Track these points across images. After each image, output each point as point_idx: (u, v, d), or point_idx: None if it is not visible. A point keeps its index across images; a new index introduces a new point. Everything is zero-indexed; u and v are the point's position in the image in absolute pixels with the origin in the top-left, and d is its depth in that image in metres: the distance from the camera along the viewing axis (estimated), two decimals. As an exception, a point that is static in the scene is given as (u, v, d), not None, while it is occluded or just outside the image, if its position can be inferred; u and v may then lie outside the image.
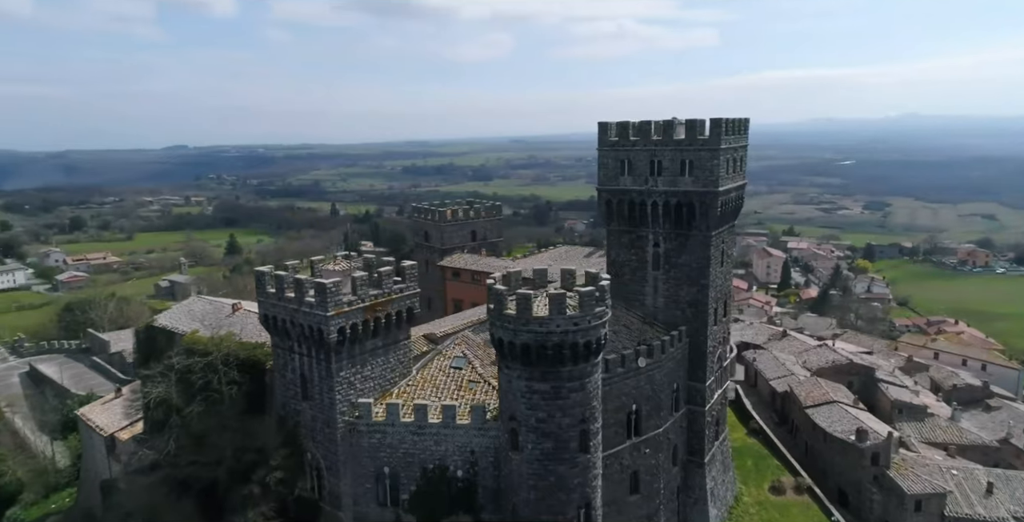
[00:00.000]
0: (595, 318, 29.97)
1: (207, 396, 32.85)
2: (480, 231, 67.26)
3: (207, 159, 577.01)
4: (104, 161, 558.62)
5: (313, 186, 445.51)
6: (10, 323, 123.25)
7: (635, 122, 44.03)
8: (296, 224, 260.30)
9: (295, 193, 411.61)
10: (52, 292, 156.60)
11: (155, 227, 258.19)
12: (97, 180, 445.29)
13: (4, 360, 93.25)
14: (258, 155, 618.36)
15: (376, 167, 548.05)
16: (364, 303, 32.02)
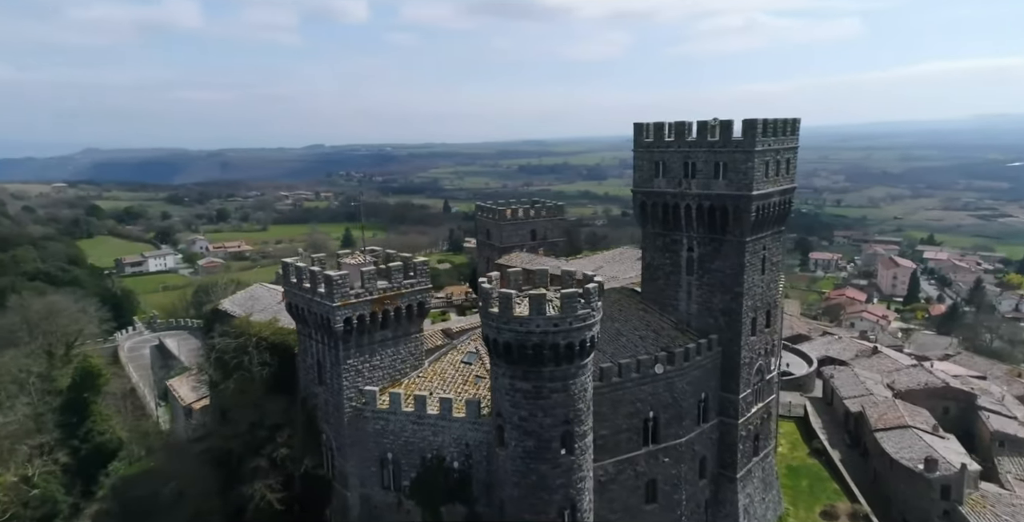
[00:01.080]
0: (577, 320, 30.16)
1: (240, 375, 36.69)
2: (540, 231, 68.15)
3: (340, 157, 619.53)
4: (253, 159, 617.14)
5: (431, 183, 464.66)
6: (155, 301, 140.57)
7: (671, 122, 43.14)
8: (409, 220, 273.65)
9: (414, 190, 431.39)
10: (193, 275, 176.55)
11: (287, 219, 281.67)
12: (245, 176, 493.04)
13: (140, 334, 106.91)
14: (385, 153, 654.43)
15: (492, 166, 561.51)
16: (372, 296, 34.31)
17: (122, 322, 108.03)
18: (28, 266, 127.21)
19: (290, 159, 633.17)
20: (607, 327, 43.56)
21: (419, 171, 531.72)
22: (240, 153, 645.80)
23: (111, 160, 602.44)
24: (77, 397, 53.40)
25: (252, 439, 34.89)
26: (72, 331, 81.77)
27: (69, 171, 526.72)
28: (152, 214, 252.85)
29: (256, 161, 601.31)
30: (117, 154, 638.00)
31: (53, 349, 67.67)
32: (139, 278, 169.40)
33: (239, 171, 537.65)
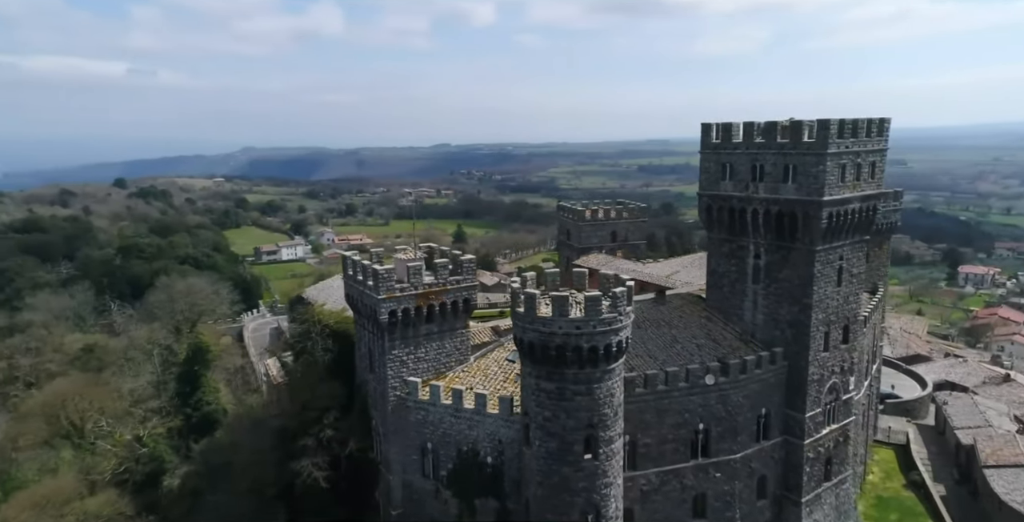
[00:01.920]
0: (602, 324, 29.91)
1: (304, 358, 39.88)
2: (621, 232, 67.18)
3: (464, 156, 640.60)
4: (385, 157, 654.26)
5: (548, 183, 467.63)
6: (281, 287, 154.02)
7: (740, 123, 41.21)
8: (522, 218, 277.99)
9: (531, 189, 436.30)
10: (319, 265, 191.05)
11: (407, 215, 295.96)
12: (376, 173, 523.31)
13: (263, 316, 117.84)
14: (506, 153, 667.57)
15: (612, 165, 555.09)
16: (416, 290, 36.00)
17: (249, 304, 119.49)
18: (180, 251, 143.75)
19: (418, 157, 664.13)
20: (663, 333, 42.74)
21: (537, 170, 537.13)
22: (374, 152, 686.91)
23: (264, 158, 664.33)
24: (190, 369, 60.17)
25: (304, 419, 37.89)
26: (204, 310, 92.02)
27: (230, 167, 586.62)
28: (290, 207, 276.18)
29: (387, 159, 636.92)
30: (269, 152, 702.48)
31: (180, 325, 76.60)
32: (272, 266, 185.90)
33: (372, 168, 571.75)
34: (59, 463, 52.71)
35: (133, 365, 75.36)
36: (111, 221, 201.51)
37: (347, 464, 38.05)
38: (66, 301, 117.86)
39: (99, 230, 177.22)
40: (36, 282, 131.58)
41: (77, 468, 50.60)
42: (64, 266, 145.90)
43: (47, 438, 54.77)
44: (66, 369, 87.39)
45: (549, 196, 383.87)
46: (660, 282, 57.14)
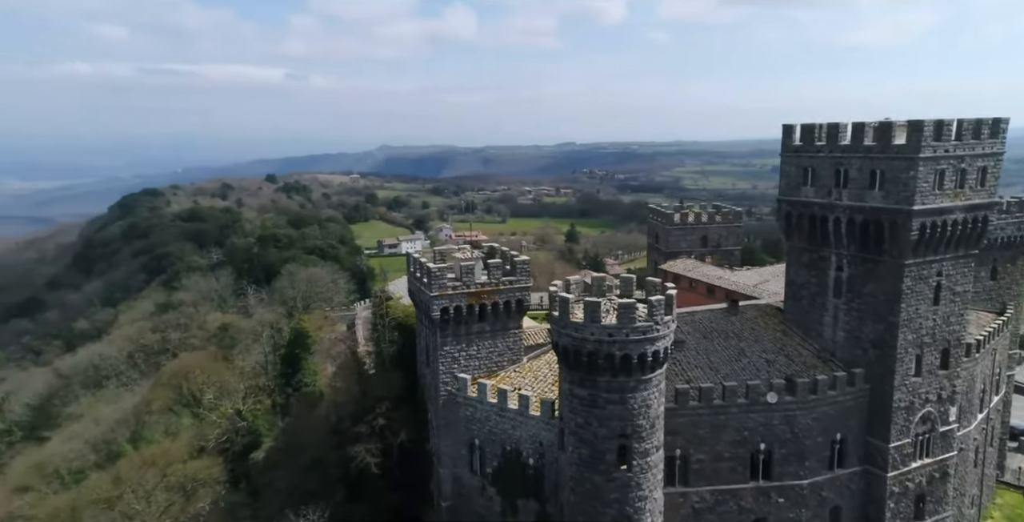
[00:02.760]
0: (635, 332, 29.07)
1: (376, 350, 42.21)
2: (713, 237, 64.25)
3: (588, 155, 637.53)
4: (510, 155, 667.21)
5: (672, 182, 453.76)
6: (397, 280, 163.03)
7: (823, 124, 38.14)
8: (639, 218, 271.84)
9: (653, 188, 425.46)
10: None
11: (524, 213, 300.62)
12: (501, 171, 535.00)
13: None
14: (631, 151, 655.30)
15: (744, 165, 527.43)
16: (468, 289, 36.89)
17: (363, 294, 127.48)
18: (310, 242, 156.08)
19: (542, 156, 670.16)
20: (730, 345, 40.66)
21: (662, 170, 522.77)
22: (499, 150, 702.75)
23: (398, 155, 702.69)
24: (292, 352, 65.44)
25: (361, 406, 40.13)
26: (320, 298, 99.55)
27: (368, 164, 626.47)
28: (414, 203, 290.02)
29: (513, 157, 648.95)
30: (403, 150, 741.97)
31: (293, 310, 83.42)
32: (392, 258, 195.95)
33: (497, 166, 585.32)
34: (179, 428, 59.68)
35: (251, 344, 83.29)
36: (258, 213, 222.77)
37: (399, 453, 39.83)
38: (212, 283, 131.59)
39: (246, 221, 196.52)
40: (191, 265, 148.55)
41: (191, 434, 57.05)
42: (215, 252, 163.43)
43: (172, 405, 62.19)
44: (205, 344, 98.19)
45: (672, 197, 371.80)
46: (745, 291, 54.21)
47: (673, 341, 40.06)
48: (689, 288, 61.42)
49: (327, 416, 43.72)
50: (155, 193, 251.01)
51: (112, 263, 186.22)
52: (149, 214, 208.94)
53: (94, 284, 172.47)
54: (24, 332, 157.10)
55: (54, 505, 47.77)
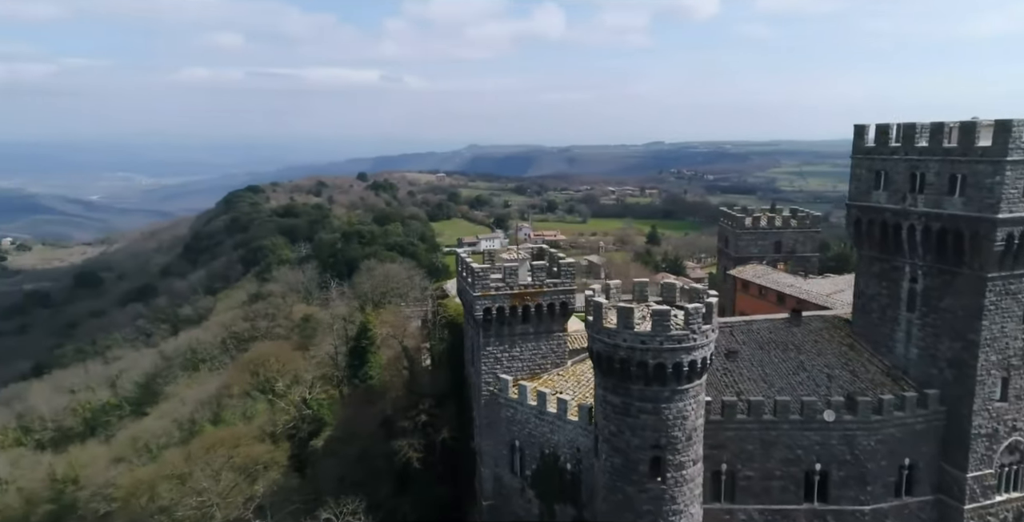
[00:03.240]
0: (670, 341, 28.02)
1: (428, 347, 43.03)
2: (788, 242, 60.90)
3: (677, 155, 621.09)
4: (596, 155, 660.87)
5: (766, 184, 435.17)
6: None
7: (899, 124, 35.33)
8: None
9: (745, 190, 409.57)
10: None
11: (606, 213, 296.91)
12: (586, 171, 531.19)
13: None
14: (722, 151, 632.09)
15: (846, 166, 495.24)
16: (512, 290, 36.85)
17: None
18: (391, 238, 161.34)
19: (629, 155, 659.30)
20: (788, 358, 38.57)
21: (756, 170, 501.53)
22: (585, 149, 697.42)
23: (485, 155, 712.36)
24: (358, 345, 67.87)
25: (407, 402, 40.97)
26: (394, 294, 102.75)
27: (455, 163, 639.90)
28: (496, 202, 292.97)
29: (598, 157, 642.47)
30: (489, 149, 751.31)
31: (365, 305, 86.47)
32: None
33: (581, 166, 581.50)
34: (254, 412, 63.39)
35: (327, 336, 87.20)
36: (347, 209, 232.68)
37: (442, 450, 40.40)
38: (299, 276, 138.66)
39: (334, 217, 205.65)
40: (281, 258, 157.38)
41: (263, 419, 60.49)
42: (304, 246, 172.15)
43: (249, 390, 66.16)
44: (289, 334, 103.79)
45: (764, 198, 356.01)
46: (817, 300, 51.14)
47: (725, 351, 38.63)
48: (758, 295, 58.68)
49: (379, 409, 45.05)
50: (256, 190, 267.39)
51: (215, 254, 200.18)
52: (249, 209, 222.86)
53: (198, 273, 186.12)
54: (138, 315, 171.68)
55: (137, 477, 52.30)
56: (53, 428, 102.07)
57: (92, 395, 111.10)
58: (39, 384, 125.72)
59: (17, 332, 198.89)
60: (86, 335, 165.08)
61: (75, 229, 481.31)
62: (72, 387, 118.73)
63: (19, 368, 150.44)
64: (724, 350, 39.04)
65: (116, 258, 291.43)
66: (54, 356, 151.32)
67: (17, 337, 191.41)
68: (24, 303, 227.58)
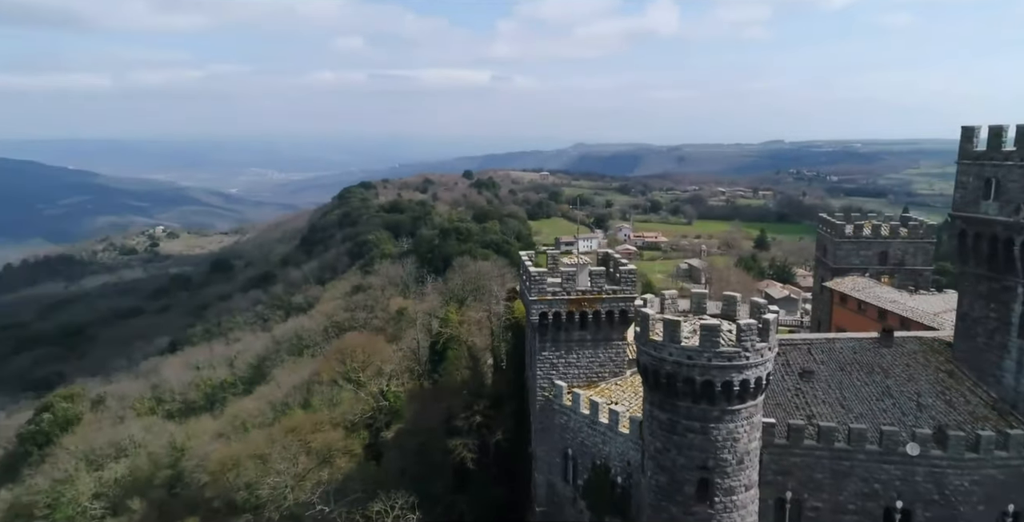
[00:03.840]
0: (719, 358, 26.24)
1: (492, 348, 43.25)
2: (896, 254, 55.40)
3: (798, 154, 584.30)
4: (708, 154, 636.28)
5: (900, 186, 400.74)
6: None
7: (1018, 125, 31.13)
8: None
9: (875, 193, 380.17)
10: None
11: (714, 215, 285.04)
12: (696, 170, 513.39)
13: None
14: (851, 151, 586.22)
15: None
16: (569, 295, 36.10)
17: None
18: (488, 236, 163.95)
19: (744, 155, 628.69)
20: (873, 381, 35.28)
21: (889, 171, 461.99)
22: (696, 148, 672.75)
23: (591, 153, 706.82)
24: (437, 341, 69.52)
25: (462, 401, 41.23)
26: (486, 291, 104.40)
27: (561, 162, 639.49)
28: (597, 202, 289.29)
29: (710, 156, 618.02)
30: (595, 148, 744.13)
31: (450, 302, 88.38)
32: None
33: (692, 165, 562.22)
34: (339, 399, 66.70)
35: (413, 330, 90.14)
36: (450, 206, 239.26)
37: (496, 452, 40.38)
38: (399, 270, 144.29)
39: (436, 214, 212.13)
40: (384, 253, 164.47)
41: (346, 407, 63.49)
42: (406, 241, 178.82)
43: (336, 377, 69.65)
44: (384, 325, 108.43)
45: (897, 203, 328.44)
46: (922, 319, 46.29)
47: (800, 370, 35.85)
48: (857, 310, 53.91)
49: (444, 405, 45.87)
50: (368, 186, 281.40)
51: (327, 246, 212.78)
52: (359, 205, 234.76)
53: (311, 264, 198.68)
54: (257, 301, 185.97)
55: (227, 453, 56.75)
56: (180, 400, 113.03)
57: (213, 372, 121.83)
58: (172, 359, 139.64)
59: (160, 311, 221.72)
60: (214, 317, 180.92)
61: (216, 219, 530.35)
62: (197, 364, 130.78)
63: (158, 344, 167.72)
64: (799, 368, 36.31)
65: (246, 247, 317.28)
66: (187, 335, 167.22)
67: (160, 316, 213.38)
68: (169, 285, 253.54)
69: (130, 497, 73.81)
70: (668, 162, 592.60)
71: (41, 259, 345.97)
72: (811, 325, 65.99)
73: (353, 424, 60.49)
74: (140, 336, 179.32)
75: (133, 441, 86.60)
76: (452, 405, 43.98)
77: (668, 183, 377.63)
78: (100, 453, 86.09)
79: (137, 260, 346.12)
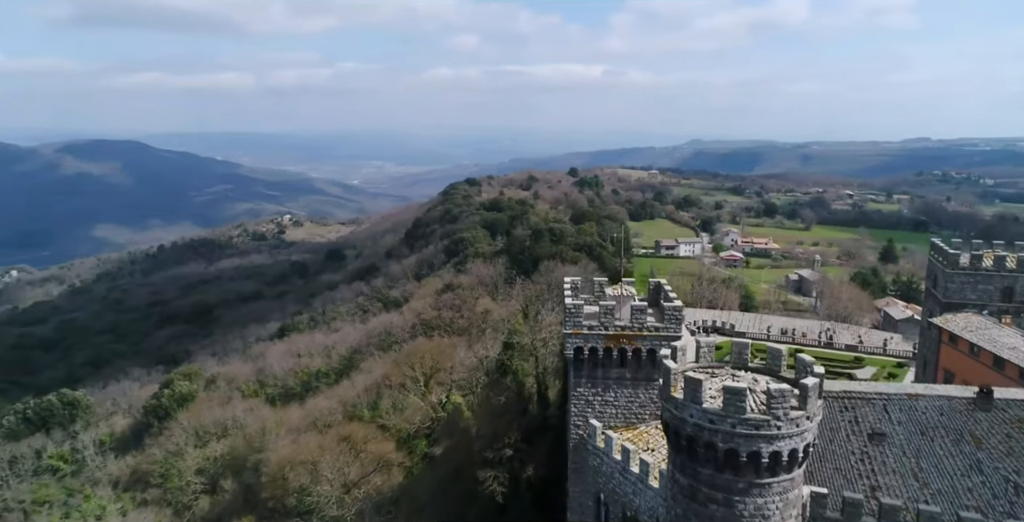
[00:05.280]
0: (744, 425, 22.95)
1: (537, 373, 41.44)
2: (1021, 290, 47.55)
3: (945, 153, 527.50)
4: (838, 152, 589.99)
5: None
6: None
7: None
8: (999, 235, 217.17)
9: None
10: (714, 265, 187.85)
11: (838, 220, 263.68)
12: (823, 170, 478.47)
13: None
14: (1015, 150, 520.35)
15: None
16: (607, 331, 33.58)
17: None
18: (583, 238, 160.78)
19: (880, 153, 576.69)
20: (961, 452, 30.30)
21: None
22: (825, 146, 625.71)
23: (707, 150, 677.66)
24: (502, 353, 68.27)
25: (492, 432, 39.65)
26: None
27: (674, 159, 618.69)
28: (706, 203, 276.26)
29: (840, 155, 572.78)
30: (712, 145, 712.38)
31: (527, 310, 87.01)
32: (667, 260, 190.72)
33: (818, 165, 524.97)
34: (405, 405, 67.50)
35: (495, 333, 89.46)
36: (551, 205, 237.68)
37: (528, 487, 38.63)
38: (491, 270, 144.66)
39: (534, 213, 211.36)
40: (477, 251, 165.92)
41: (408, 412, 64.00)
42: (501, 241, 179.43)
43: (404, 381, 70.56)
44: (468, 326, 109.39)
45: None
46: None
47: (870, 432, 31.41)
48: (969, 353, 46.82)
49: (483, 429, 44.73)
50: (472, 182, 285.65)
51: (428, 241, 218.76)
52: (461, 201, 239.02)
53: (411, 258, 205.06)
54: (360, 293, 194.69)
55: (284, 455, 58.98)
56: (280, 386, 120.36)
57: (311, 361, 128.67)
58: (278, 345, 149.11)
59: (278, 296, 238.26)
60: (320, 305, 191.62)
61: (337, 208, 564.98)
62: (299, 352, 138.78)
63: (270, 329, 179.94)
64: (869, 429, 31.68)
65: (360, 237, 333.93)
66: (294, 322, 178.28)
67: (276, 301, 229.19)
68: (288, 272, 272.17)
69: (224, 477, 79.42)
70: (792, 160, 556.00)
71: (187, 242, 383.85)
72: (917, 364, 58.39)
73: (411, 434, 60.76)
74: (256, 319, 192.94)
75: (235, 422, 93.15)
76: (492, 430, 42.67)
77: (789, 184, 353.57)
78: (207, 431, 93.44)
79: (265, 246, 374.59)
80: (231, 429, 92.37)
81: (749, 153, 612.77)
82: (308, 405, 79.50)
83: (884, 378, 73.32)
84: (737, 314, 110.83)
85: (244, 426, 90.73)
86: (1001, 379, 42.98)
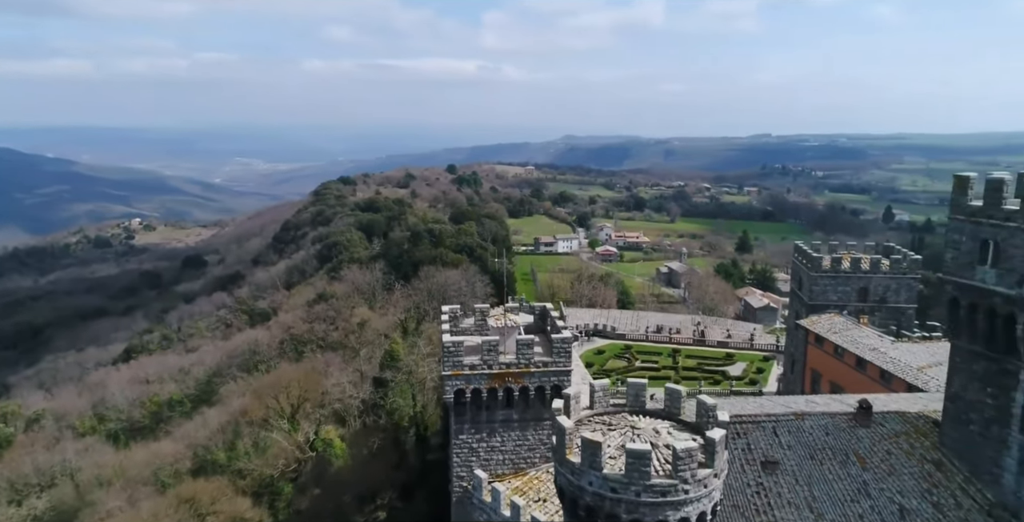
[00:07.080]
0: (649, 492, 20.47)
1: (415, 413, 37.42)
2: (877, 290, 50.09)
3: (785, 149, 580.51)
4: (695, 148, 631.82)
5: (885, 182, 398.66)
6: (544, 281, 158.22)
7: (1020, 174, 25.51)
8: (832, 225, 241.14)
9: (859, 189, 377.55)
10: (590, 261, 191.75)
11: (698, 213, 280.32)
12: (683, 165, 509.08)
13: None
14: (837, 145, 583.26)
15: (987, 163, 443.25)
16: (490, 369, 30.33)
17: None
18: (463, 239, 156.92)
19: (731, 148, 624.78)
20: (848, 475, 29.82)
21: (873, 167, 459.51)
22: (685, 141, 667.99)
23: (580, 145, 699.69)
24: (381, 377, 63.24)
25: (366, 483, 35.47)
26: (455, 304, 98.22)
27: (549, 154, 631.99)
28: (580, 199, 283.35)
29: (698, 150, 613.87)
30: (584, 140, 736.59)
31: (407, 322, 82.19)
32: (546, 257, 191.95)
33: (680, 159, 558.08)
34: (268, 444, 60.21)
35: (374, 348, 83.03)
36: (429, 204, 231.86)
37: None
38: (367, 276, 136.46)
39: (412, 213, 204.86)
40: (352, 256, 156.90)
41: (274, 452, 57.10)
42: (378, 244, 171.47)
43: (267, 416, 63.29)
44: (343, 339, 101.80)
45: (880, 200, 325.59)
46: (903, 374, 40.99)
47: (763, 460, 30.29)
48: (834, 353, 48.61)
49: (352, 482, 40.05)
50: (347, 181, 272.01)
51: (299, 246, 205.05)
52: (334, 202, 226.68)
53: (280, 265, 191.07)
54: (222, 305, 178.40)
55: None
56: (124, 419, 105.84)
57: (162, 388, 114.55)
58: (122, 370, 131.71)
59: (124, 312, 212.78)
60: (176, 321, 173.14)
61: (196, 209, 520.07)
62: (148, 377, 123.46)
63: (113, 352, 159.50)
64: (761, 457, 30.73)
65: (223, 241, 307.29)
66: (143, 342, 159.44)
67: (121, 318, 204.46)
68: (137, 283, 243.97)
69: (49, 542, 67.40)
70: (656, 155, 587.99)
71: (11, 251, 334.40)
72: (785, 363, 60.77)
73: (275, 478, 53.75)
74: (96, 341, 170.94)
75: (65, 468, 79.91)
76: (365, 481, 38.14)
77: (654, 178, 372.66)
78: (27, 482, 79.43)
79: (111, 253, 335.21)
80: (59, 477, 79.17)
81: (618, 148, 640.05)
82: (152, 449, 69.13)
83: (753, 373, 76.64)
84: (616, 312, 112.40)
85: (76, 472, 78.12)
86: (863, 379, 44.92)
